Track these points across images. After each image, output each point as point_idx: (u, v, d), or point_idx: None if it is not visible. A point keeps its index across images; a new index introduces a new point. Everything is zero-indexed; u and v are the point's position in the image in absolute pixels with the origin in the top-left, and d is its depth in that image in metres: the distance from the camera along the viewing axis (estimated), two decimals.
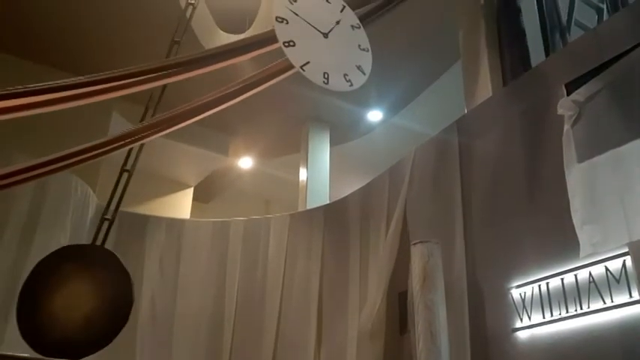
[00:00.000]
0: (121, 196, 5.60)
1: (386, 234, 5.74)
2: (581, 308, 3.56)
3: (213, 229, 7.64)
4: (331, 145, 9.87)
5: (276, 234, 7.47)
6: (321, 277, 6.78)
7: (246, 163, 11.35)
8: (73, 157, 4.31)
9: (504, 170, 4.56)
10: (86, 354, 4.69)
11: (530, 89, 4.56)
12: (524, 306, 3.98)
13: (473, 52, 6.05)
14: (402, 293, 5.30)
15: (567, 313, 3.64)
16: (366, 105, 9.60)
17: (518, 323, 3.99)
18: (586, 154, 3.63)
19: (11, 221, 5.98)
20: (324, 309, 6.62)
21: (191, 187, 11.10)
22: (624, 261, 3.36)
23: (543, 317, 3.81)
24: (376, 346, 5.27)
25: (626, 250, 3.30)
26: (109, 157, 4.72)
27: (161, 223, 7.60)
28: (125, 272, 5.06)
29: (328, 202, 8.38)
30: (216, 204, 12.43)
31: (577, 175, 3.64)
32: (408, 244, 4.98)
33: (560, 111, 3.90)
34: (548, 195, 4.03)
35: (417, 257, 4.18)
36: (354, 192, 6.82)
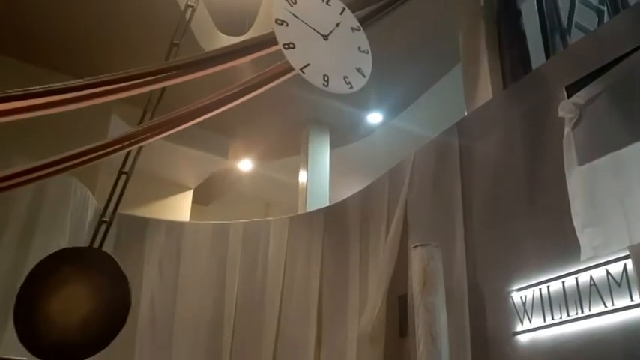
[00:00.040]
0: (119, 198, 5.59)
1: (386, 237, 5.73)
2: (582, 311, 3.55)
3: (213, 232, 7.63)
4: (331, 147, 9.87)
5: (276, 236, 7.46)
6: (321, 280, 6.77)
7: (245, 165, 11.34)
8: (73, 160, 4.31)
9: (505, 173, 4.55)
10: (83, 357, 4.68)
11: (531, 92, 4.55)
12: (524, 309, 3.96)
13: (473, 55, 6.04)
14: (402, 296, 5.29)
15: (568, 316, 3.63)
16: (366, 107, 9.60)
17: (519, 326, 3.98)
18: (587, 156, 3.62)
19: (10, 223, 5.97)
20: (324, 311, 6.61)
21: (191, 189, 11.10)
22: (625, 264, 3.35)
23: (544, 320, 3.79)
24: (376, 349, 5.25)
25: (627, 253, 3.28)
26: (109, 159, 4.72)
27: (161, 225, 7.60)
28: (122, 275, 5.05)
29: (328, 204, 8.37)
30: (215, 206, 12.43)
31: (578, 177, 3.63)
32: (408, 246, 4.98)
33: (560, 113, 3.89)
34: (549, 198, 4.02)
35: (417, 260, 4.17)
36: (354, 194, 6.81)
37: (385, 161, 7.26)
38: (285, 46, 3.61)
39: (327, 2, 4.05)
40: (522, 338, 3.96)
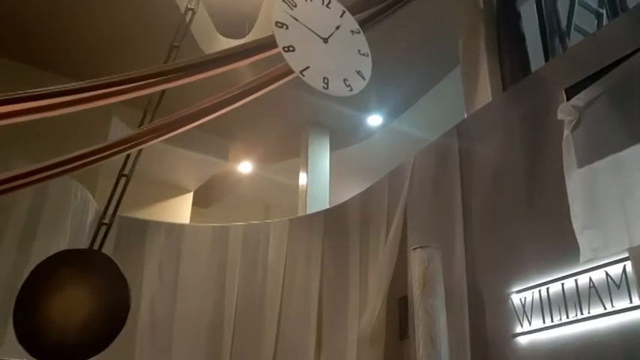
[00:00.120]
0: (118, 200, 5.59)
1: (386, 239, 5.73)
2: (581, 313, 3.55)
3: (213, 234, 7.63)
4: (331, 149, 9.87)
5: (276, 239, 7.46)
6: (321, 282, 6.77)
7: (245, 167, 11.34)
8: (73, 162, 4.31)
9: (504, 175, 4.55)
10: (83, 358, 4.67)
11: (530, 94, 4.56)
12: (524, 311, 3.96)
13: (472, 57, 6.05)
14: (402, 298, 5.29)
15: (567, 318, 3.63)
16: (365, 110, 9.61)
17: (519, 328, 3.98)
18: (586, 159, 3.63)
19: (11, 226, 5.98)
20: (323, 314, 6.61)
21: (191, 191, 11.11)
22: (624, 266, 3.35)
23: (543, 322, 3.80)
24: (376, 352, 5.26)
25: (627, 255, 3.29)
26: (109, 162, 4.72)
27: (161, 227, 7.60)
28: (122, 276, 5.05)
29: (328, 206, 8.37)
30: (215, 209, 12.43)
31: (577, 180, 3.64)
32: (408, 249, 4.98)
33: (560, 116, 3.90)
34: (549, 200, 4.02)
35: (416, 262, 4.17)
36: (354, 197, 6.82)
37: (385, 163, 7.26)
38: (285, 49, 3.62)
39: (327, 5, 4.05)
40: (522, 340, 3.96)
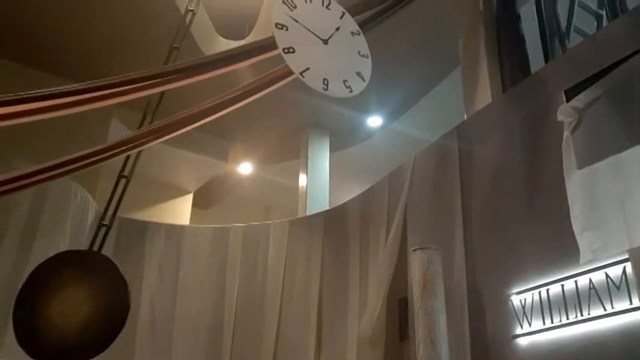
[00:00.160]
0: (118, 201, 5.59)
1: (386, 240, 5.73)
2: (581, 315, 3.55)
3: (213, 235, 7.63)
4: (331, 151, 9.88)
5: (276, 240, 7.46)
6: (321, 283, 6.77)
7: (245, 169, 11.35)
8: (73, 164, 4.31)
9: (504, 176, 4.55)
10: (83, 359, 4.68)
11: (530, 96, 4.56)
12: (524, 312, 3.96)
13: (472, 59, 6.05)
14: (402, 299, 5.29)
15: (567, 319, 3.63)
16: (365, 111, 9.61)
17: (519, 330, 3.98)
18: (586, 160, 3.63)
19: (11, 227, 5.97)
20: (323, 315, 6.60)
21: (190, 193, 11.10)
22: (624, 267, 3.35)
23: (543, 324, 3.80)
24: (376, 353, 5.25)
25: (627, 256, 3.29)
26: (109, 163, 4.72)
27: (160, 229, 7.59)
28: (122, 278, 5.05)
29: (328, 208, 8.37)
30: (215, 210, 12.43)
31: (577, 181, 3.64)
32: (408, 250, 4.98)
33: (559, 117, 3.90)
34: (548, 201, 4.02)
35: (416, 264, 4.17)
36: (354, 198, 6.82)
37: (385, 165, 7.26)
38: (285, 50, 3.62)
39: (327, 6, 4.06)
40: (522, 342, 3.95)
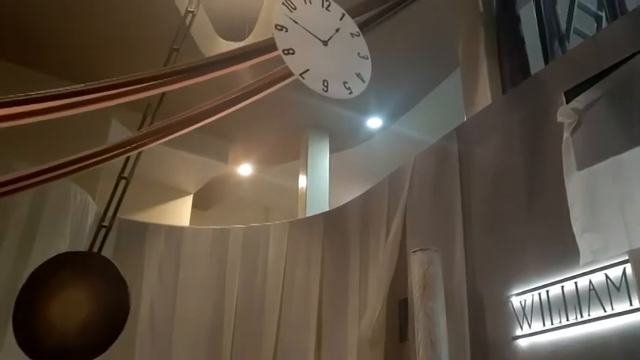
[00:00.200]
0: (118, 203, 5.60)
1: (386, 241, 5.72)
2: (581, 316, 3.55)
3: (213, 237, 7.63)
4: (331, 152, 9.88)
5: (276, 241, 7.46)
6: (321, 285, 6.76)
7: (245, 170, 11.35)
8: (73, 165, 4.32)
9: (504, 178, 4.55)
10: None
11: (530, 97, 4.56)
12: (524, 314, 3.96)
13: (472, 60, 6.05)
14: (402, 301, 5.28)
15: (567, 321, 3.63)
16: (365, 112, 9.61)
17: (519, 331, 3.97)
18: (586, 161, 3.63)
19: (10, 228, 5.96)
20: (323, 316, 6.60)
21: (190, 194, 11.10)
22: (624, 269, 3.34)
23: (543, 325, 3.79)
24: (376, 354, 5.24)
25: (627, 257, 3.28)
26: (109, 164, 4.73)
27: (160, 230, 7.59)
28: (121, 279, 5.05)
29: (328, 209, 8.37)
30: (215, 211, 12.43)
31: (577, 182, 3.64)
32: (408, 251, 4.97)
33: (559, 119, 3.90)
34: (548, 203, 4.02)
35: (416, 265, 4.17)
36: (354, 199, 6.81)
37: (385, 166, 7.26)
38: (285, 52, 3.63)
39: (326, 8, 4.06)
40: (522, 343, 3.95)
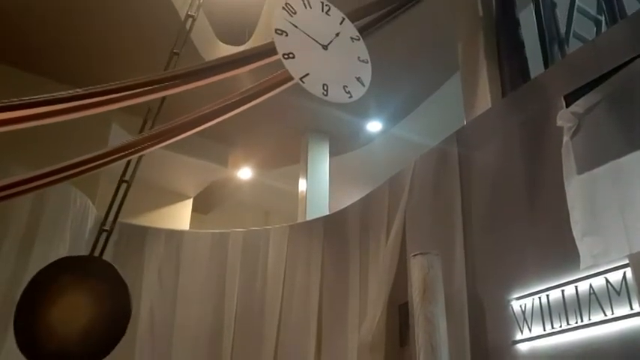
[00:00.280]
0: (119, 207, 5.60)
1: (386, 245, 5.72)
2: (581, 320, 3.54)
3: (213, 240, 7.62)
4: (331, 155, 9.87)
5: (276, 245, 7.46)
6: (321, 288, 6.76)
7: (245, 174, 11.35)
8: (73, 169, 4.32)
9: (504, 181, 4.55)
10: None
11: (530, 101, 4.56)
12: (524, 318, 3.95)
13: (472, 64, 6.06)
14: (402, 305, 5.28)
15: (568, 325, 3.62)
16: (365, 116, 9.62)
17: (519, 335, 3.97)
18: (586, 165, 3.63)
19: (10, 232, 5.96)
20: (323, 320, 6.59)
21: (190, 198, 11.09)
22: (624, 273, 3.34)
23: (544, 329, 3.79)
24: (376, 359, 5.24)
25: (627, 261, 3.28)
26: (109, 168, 4.72)
27: (160, 234, 7.58)
28: (123, 284, 5.05)
29: (328, 213, 8.37)
30: (215, 215, 12.42)
31: (577, 186, 3.64)
32: (408, 255, 4.97)
33: (559, 122, 3.90)
34: (548, 206, 4.02)
35: (416, 269, 4.16)
36: (354, 203, 6.81)
37: (385, 169, 7.26)
38: (285, 56, 3.63)
39: (326, 12, 4.07)
40: (522, 347, 3.94)
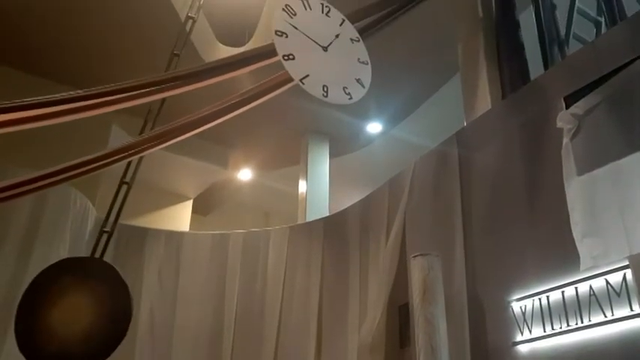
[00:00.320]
0: (120, 208, 5.60)
1: (386, 246, 5.72)
2: (581, 322, 3.54)
3: (213, 242, 7.63)
4: (331, 157, 9.87)
5: (276, 246, 7.46)
6: (321, 290, 6.76)
7: (245, 175, 11.35)
8: (73, 170, 4.32)
9: (504, 183, 4.55)
10: None
11: (529, 102, 4.57)
12: (524, 319, 3.96)
13: (472, 65, 6.06)
14: (402, 306, 5.28)
15: (568, 326, 3.62)
16: (365, 117, 9.62)
17: (519, 337, 3.97)
18: (585, 167, 3.63)
19: (10, 234, 5.96)
20: (323, 322, 6.59)
21: (190, 199, 11.10)
22: (625, 274, 3.34)
23: (544, 330, 3.79)
24: None
25: (627, 263, 3.28)
26: (109, 169, 4.72)
27: (160, 235, 7.59)
28: (124, 285, 5.04)
29: (328, 214, 8.37)
30: (215, 216, 12.42)
31: (577, 187, 3.64)
32: (408, 256, 4.97)
33: (559, 124, 3.91)
34: (548, 208, 4.02)
35: (416, 270, 4.16)
36: (354, 204, 6.82)
37: (384, 171, 7.26)
38: (285, 57, 3.64)
39: (326, 14, 4.08)
40: (522, 348, 3.94)
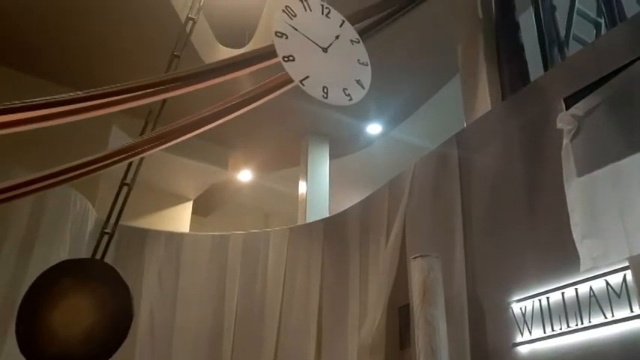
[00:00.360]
0: (120, 209, 5.60)
1: (386, 247, 5.72)
2: (581, 323, 3.54)
3: (213, 243, 7.63)
4: (331, 158, 9.88)
5: (276, 247, 7.46)
6: (321, 291, 6.76)
7: (245, 176, 11.35)
8: (73, 171, 4.32)
9: (504, 184, 4.55)
10: None
11: (529, 103, 4.57)
12: (524, 320, 3.95)
13: (472, 67, 6.06)
14: (402, 307, 5.27)
15: (568, 327, 3.62)
16: (365, 118, 9.62)
17: (519, 338, 3.97)
18: (585, 168, 3.63)
19: (10, 235, 5.96)
20: (323, 323, 6.59)
21: (190, 200, 11.10)
22: (625, 275, 3.34)
23: (544, 332, 3.79)
24: None
25: (627, 264, 3.28)
26: (109, 170, 4.73)
27: (160, 236, 7.59)
28: (125, 286, 5.04)
29: (328, 215, 8.37)
30: (215, 217, 12.43)
31: (577, 189, 3.64)
32: (408, 257, 4.97)
33: (559, 125, 3.91)
34: (548, 209, 4.02)
35: (416, 271, 4.16)
36: (354, 205, 6.81)
37: (384, 172, 7.26)
38: (285, 59, 3.64)
39: (326, 15, 4.08)
40: (522, 350, 3.94)
